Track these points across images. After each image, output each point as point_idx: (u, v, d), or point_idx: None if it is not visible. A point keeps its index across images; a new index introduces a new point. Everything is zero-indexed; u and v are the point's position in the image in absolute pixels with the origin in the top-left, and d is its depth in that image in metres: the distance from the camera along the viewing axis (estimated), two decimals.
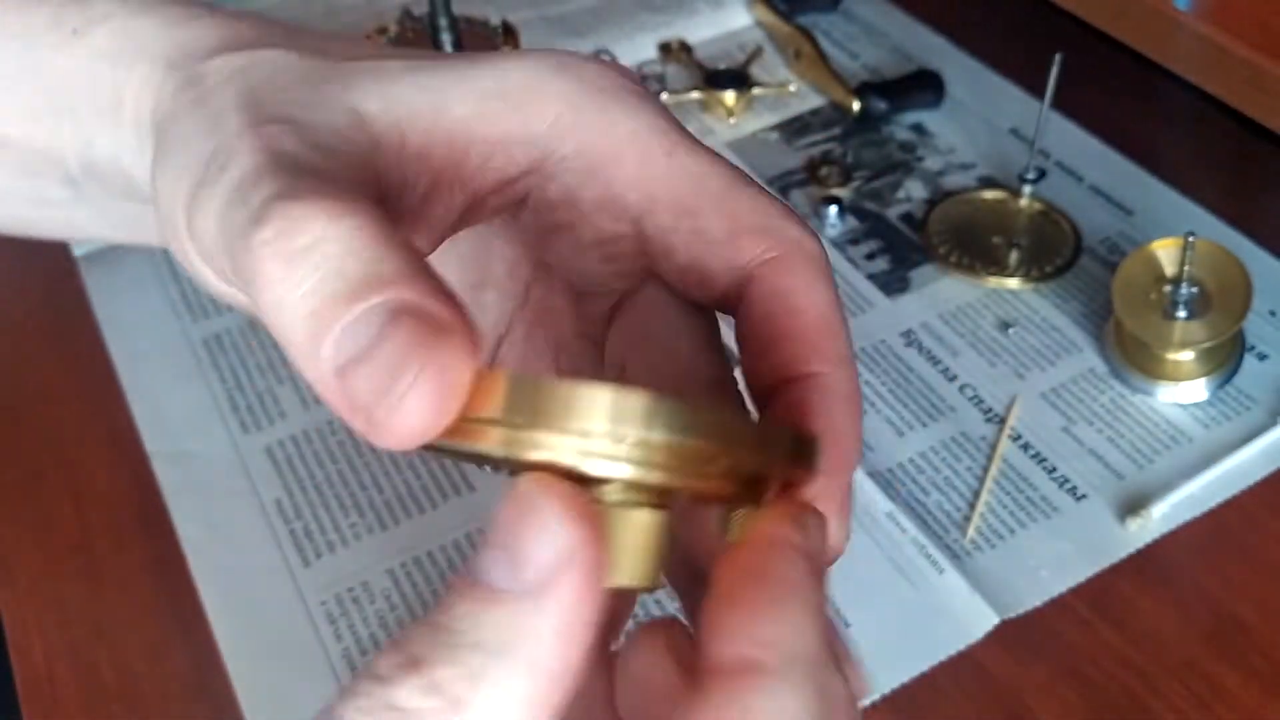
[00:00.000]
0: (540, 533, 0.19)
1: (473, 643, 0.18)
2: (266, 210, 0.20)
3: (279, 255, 0.20)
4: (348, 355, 0.19)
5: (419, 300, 0.19)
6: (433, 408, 0.19)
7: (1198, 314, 0.56)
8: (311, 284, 0.20)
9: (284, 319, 0.20)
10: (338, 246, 0.20)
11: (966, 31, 0.79)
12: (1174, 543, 0.51)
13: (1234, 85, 0.60)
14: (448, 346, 0.19)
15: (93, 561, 0.52)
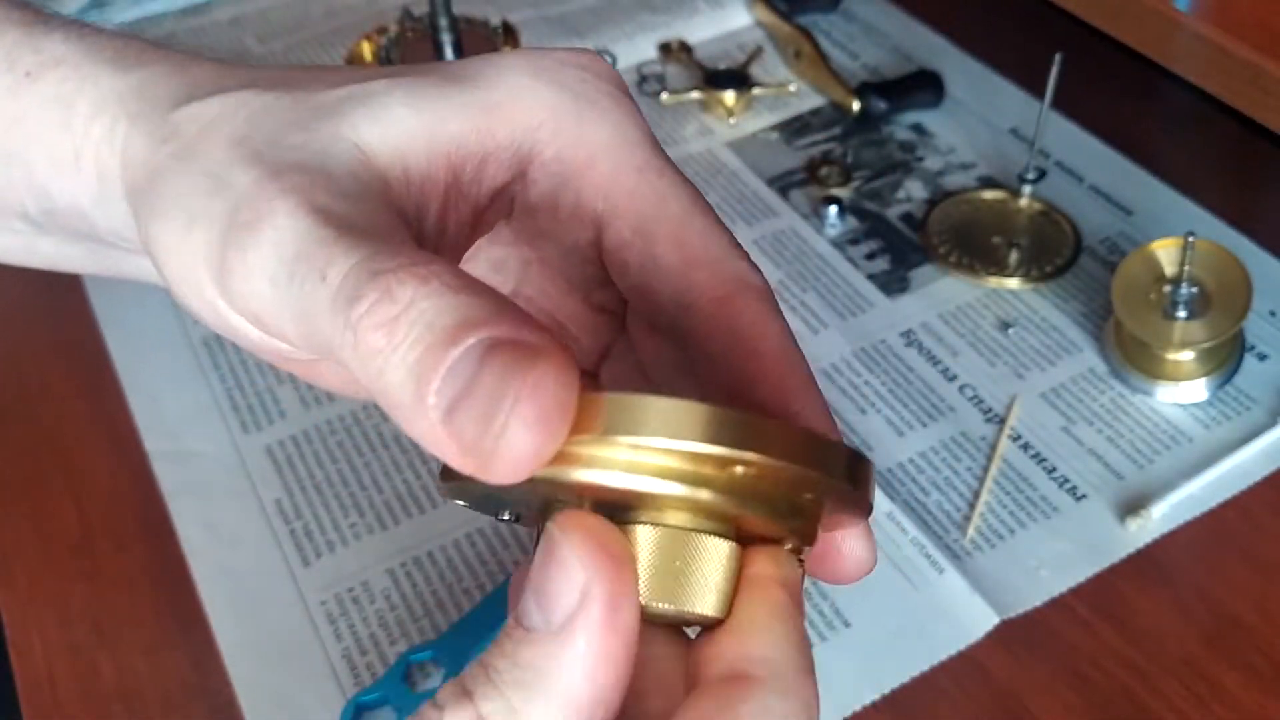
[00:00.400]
0: (560, 572, 0.20)
1: (511, 680, 0.20)
2: (357, 285, 0.21)
3: (379, 327, 0.20)
4: (450, 398, 0.20)
5: (510, 333, 0.20)
6: (537, 429, 0.20)
7: (1198, 314, 0.56)
8: (409, 343, 0.20)
9: (388, 383, 0.20)
10: (429, 303, 0.20)
11: (966, 31, 0.79)
12: (1174, 543, 0.51)
13: (1234, 85, 0.60)
14: (541, 368, 0.20)
15: (93, 561, 0.52)
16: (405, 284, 0.21)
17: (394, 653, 0.48)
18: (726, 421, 0.21)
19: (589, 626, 0.20)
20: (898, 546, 0.51)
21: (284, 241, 0.22)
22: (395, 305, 0.21)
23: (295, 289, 0.22)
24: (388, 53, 0.67)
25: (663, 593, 0.22)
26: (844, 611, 0.49)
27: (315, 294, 0.22)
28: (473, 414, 0.20)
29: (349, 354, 0.21)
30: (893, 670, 0.47)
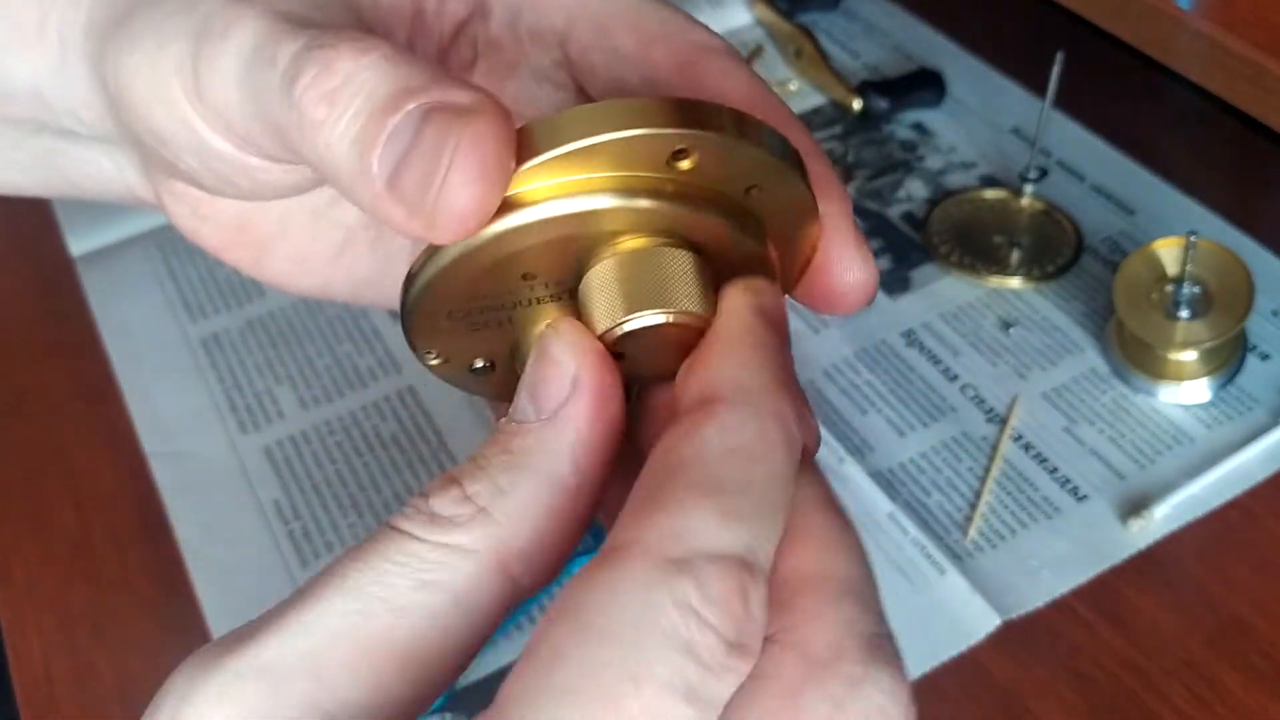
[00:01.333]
0: (552, 367, 0.22)
1: (500, 464, 0.21)
2: (299, 61, 0.22)
3: (320, 98, 0.21)
4: (392, 163, 0.20)
5: (446, 96, 0.21)
6: (478, 181, 0.20)
7: (1200, 314, 0.56)
8: (351, 113, 0.21)
9: (333, 155, 0.21)
10: (370, 74, 0.21)
11: (968, 30, 0.78)
12: (1176, 543, 0.51)
13: (1236, 84, 0.60)
14: (477, 124, 0.20)
15: (91, 561, 0.52)
16: (344, 56, 0.21)
17: None
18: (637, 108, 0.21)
19: (577, 413, 0.21)
20: (899, 547, 0.51)
21: (246, 42, 0.23)
22: (335, 77, 0.21)
23: (252, 81, 0.22)
24: None
25: (644, 301, 0.22)
26: None
27: (268, 80, 0.22)
28: (414, 174, 0.20)
29: (296, 135, 0.22)
30: None
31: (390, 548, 0.21)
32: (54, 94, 0.28)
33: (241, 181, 0.26)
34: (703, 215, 0.22)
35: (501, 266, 0.22)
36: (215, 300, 0.63)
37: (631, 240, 0.22)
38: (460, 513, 0.21)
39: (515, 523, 0.21)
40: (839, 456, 0.54)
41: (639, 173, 0.22)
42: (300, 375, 0.59)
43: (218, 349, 0.61)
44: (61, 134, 0.29)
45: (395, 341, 0.61)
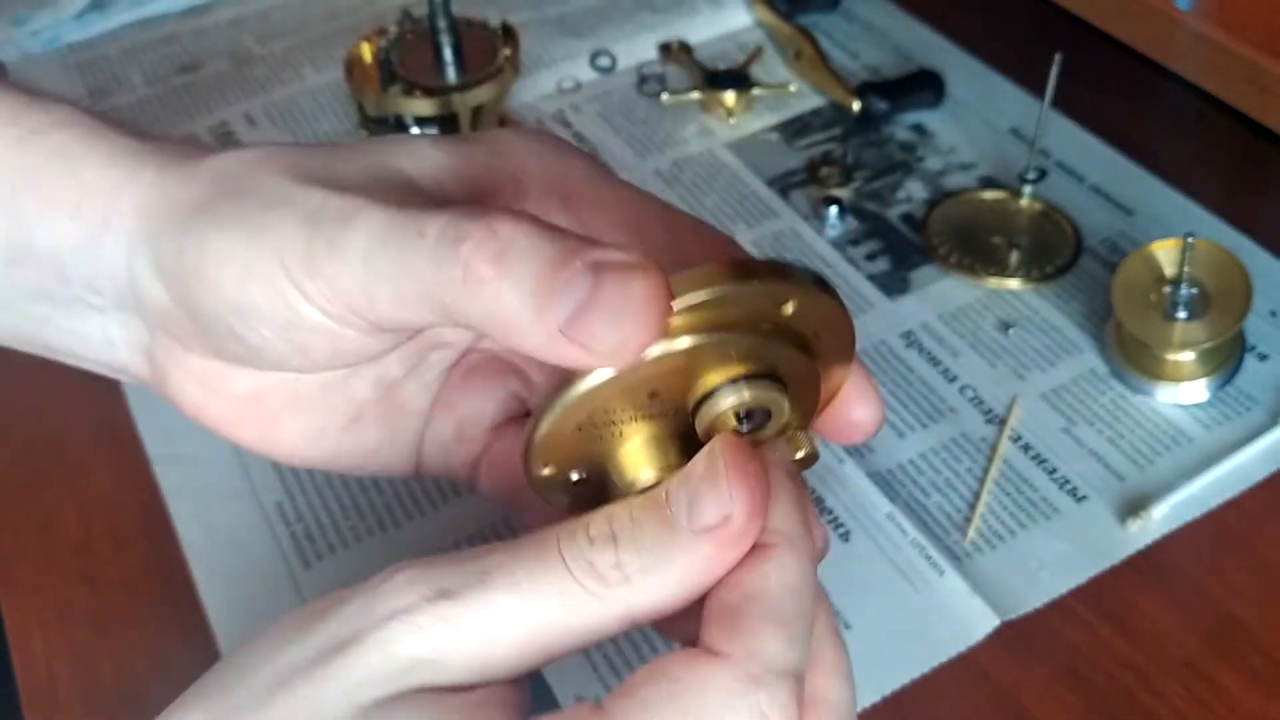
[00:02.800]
0: (714, 492, 0.26)
1: (649, 548, 0.25)
2: (458, 228, 0.25)
3: (488, 260, 0.25)
4: (571, 308, 0.24)
5: (605, 255, 0.25)
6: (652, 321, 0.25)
7: (1198, 314, 0.56)
8: (521, 270, 0.24)
9: (506, 307, 0.25)
10: (530, 238, 0.25)
11: (967, 31, 0.79)
12: (1175, 544, 0.51)
13: (1234, 85, 0.60)
14: (651, 275, 0.25)
15: (94, 564, 0.53)
16: (505, 222, 0.25)
17: None
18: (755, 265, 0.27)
19: (718, 544, 0.26)
20: (898, 548, 0.51)
21: (374, 224, 0.26)
22: (498, 240, 0.25)
23: (392, 253, 0.25)
24: (387, 54, 0.67)
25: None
26: (844, 613, 0.49)
27: (414, 249, 0.25)
28: (600, 319, 0.24)
29: (455, 291, 0.25)
30: (893, 672, 0.47)
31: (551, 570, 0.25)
32: (76, 265, 0.30)
33: (318, 352, 0.28)
34: (792, 351, 0.28)
35: (637, 387, 0.27)
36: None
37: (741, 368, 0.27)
38: (612, 576, 0.25)
39: (650, 596, 0.25)
40: (838, 457, 0.55)
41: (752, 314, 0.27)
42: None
43: None
44: (62, 303, 0.31)
45: None
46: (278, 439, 0.32)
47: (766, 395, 0.28)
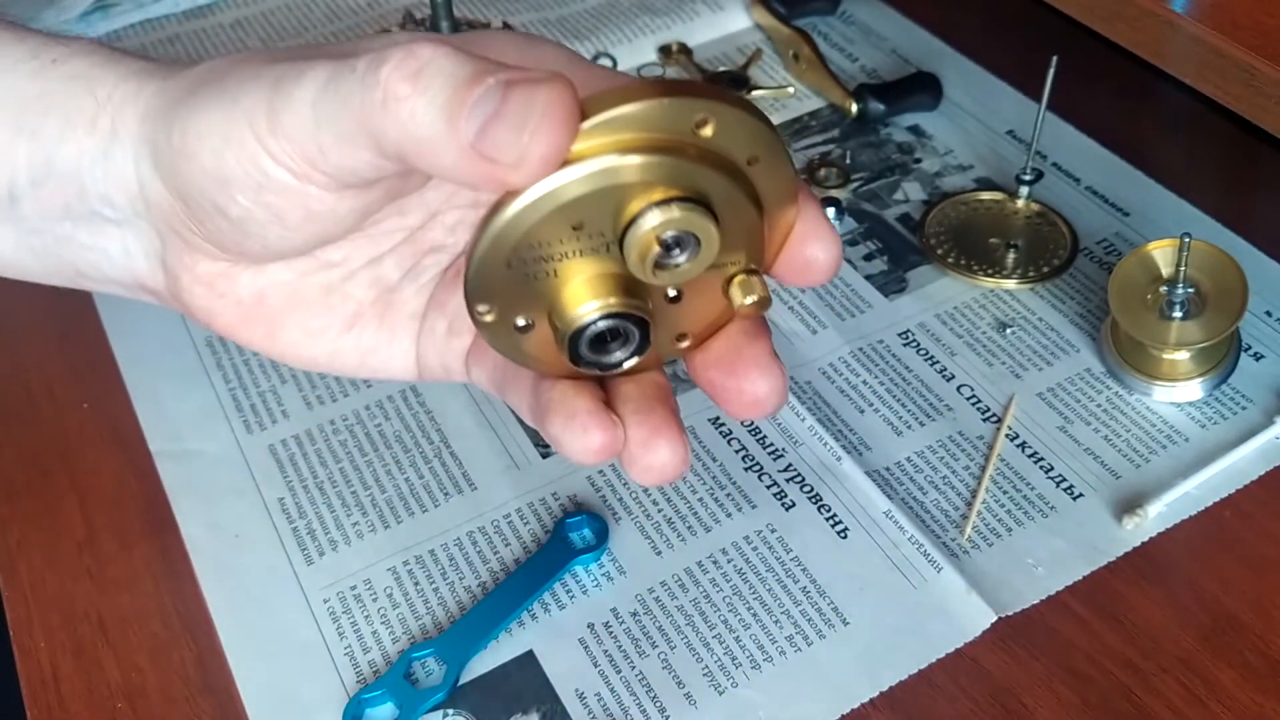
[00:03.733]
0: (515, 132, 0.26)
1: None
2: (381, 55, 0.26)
3: (404, 78, 0.25)
4: (479, 122, 0.25)
5: (519, 74, 0.25)
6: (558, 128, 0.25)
7: (1194, 314, 0.56)
8: (435, 88, 0.25)
9: (419, 121, 0.25)
10: (448, 60, 0.26)
11: (964, 34, 0.79)
12: (1170, 541, 0.51)
13: (1230, 87, 0.61)
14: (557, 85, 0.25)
15: (97, 560, 0.53)
16: (425, 46, 0.26)
17: (396, 650, 0.49)
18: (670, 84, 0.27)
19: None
20: (895, 545, 0.51)
21: (321, 73, 0.27)
22: (417, 60, 0.25)
23: (332, 94, 0.27)
24: None
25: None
26: (842, 609, 0.49)
27: (348, 84, 0.26)
28: (503, 130, 0.25)
29: (378, 115, 0.26)
30: (890, 668, 0.47)
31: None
32: (92, 178, 0.32)
33: (291, 216, 0.29)
34: (718, 175, 0.27)
35: (558, 215, 0.27)
36: None
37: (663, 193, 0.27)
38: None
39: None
40: (836, 455, 0.55)
41: (670, 135, 0.26)
42: (304, 375, 0.60)
43: (223, 349, 0.61)
44: (82, 219, 0.32)
45: None
46: (282, 339, 0.33)
47: (691, 218, 0.27)
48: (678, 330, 0.31)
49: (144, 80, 0.31)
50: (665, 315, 0.30)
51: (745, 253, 0.29)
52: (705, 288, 0.29)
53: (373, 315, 0.34)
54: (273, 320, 0.33)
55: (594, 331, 0.29)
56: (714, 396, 0.31)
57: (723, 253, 0.28)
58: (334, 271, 0.33)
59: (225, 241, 0.30)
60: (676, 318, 0.30)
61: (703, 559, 0.51)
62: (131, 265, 0.33)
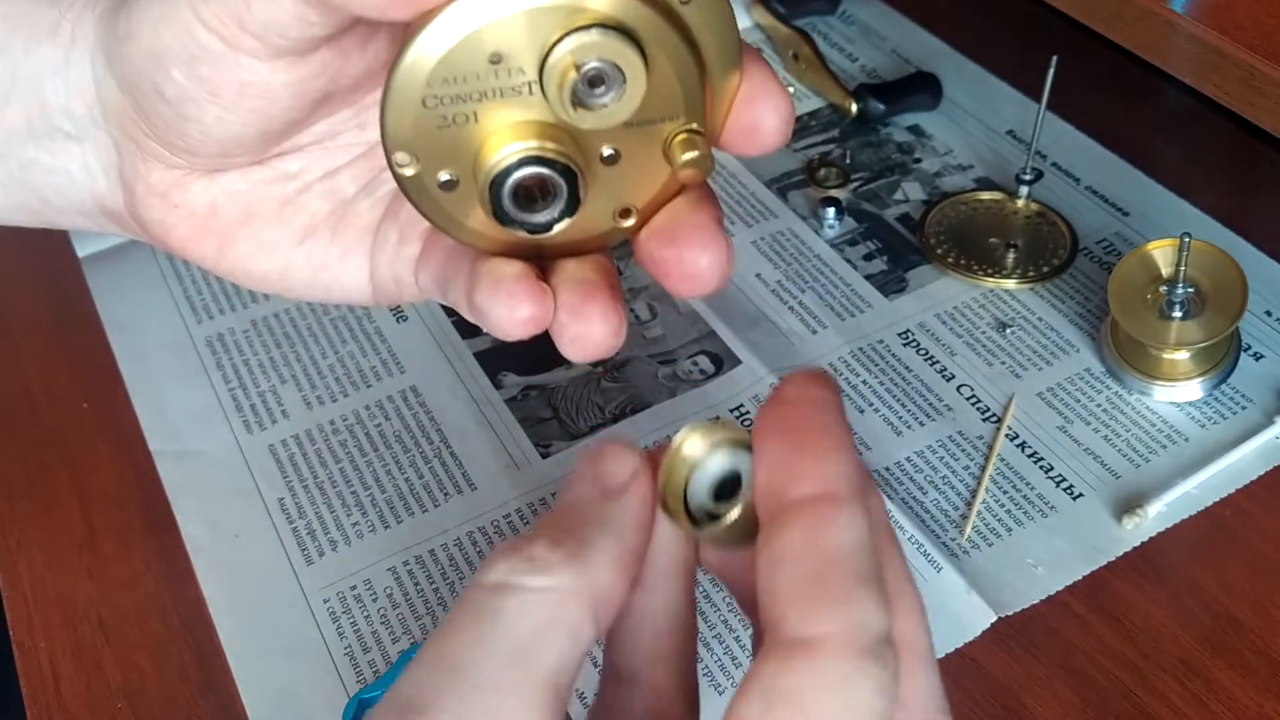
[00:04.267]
0: (615, 461, 0.26)
1: (578, 525, 0.25)
2: None
3: None
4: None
5: None
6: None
7: (1193, 314, 0.56)
8: None
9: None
10: None
11: (964, 34, 0.79)
12: (1170, 541, 0.51)
13: (1230, 87, 0.61)
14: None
15: (97, 559, 0.53)
16: None
17: (396, 650, 0.49)
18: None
19: (639, 491, 0.26)
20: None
21: None
22: None
23: None
24: None
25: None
26: None
27: None
28: None
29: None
30: None
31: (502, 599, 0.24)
32: (53, 89, 0.32)
33: (225, 91, 0.28)
34: (645, 7, 0.25)
35: (473, 42, 0.25)
36: (220, 300, 0.64)
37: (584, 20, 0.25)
38: (556, 556, 0.24)
39: (599, 570, 0.25)
40: None
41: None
42: (304, 375, 0.60)
43: (223, 349, 0.61)
44: (44, 136, 0.32)
45: (399, 342, 0.61)
46: (233, 252, 0.33)
47: (612, 45, 0.25)
48: (619, 202, 0.28)
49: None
50: (602, 180, 0.28)
51: (684, 111, 0.27)
52: (645, 153, 0.28)
53: (326, 228, 0.33)
54: (224, 233, 0.33)
55: (516, 181, 0.27)
56: (654, 272, 0.29)
57: (658, 106, 0.27)
58: (290, 184, 0.32)
59: (170, 134, 0.30)
60: (616, 185, 0.28)
61: None
62: (93, 185, 0.33)
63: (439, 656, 0.24)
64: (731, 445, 0.26)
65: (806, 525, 0.23)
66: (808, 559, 0.23)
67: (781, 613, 0.22)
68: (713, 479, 0.27)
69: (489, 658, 0.23)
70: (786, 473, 0.24)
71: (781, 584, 0.23)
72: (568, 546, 0.24)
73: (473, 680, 0.23)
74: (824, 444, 0.24)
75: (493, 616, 0.24)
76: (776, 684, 0.22)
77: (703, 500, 0.27)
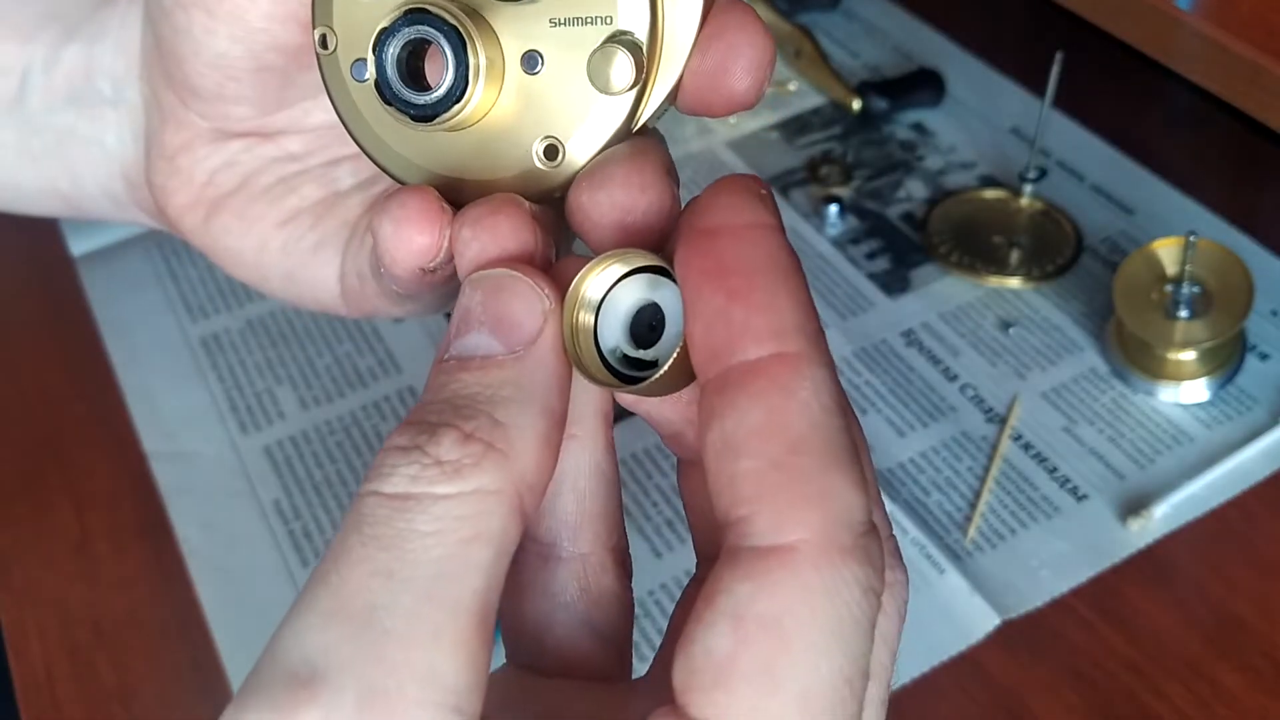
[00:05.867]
0: (520, 302, 0.22)
1: (487, 399, 0.21)
2: None
3: None
4: None
5: None
6: None
7: (1199, 313, 0.56)
8: None
9: None
10: None
11: (967, 30, 0.78)
12: (1175, 543, 0.51)
13: (1235, 84, 0.60)
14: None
15: (91, 562, 0.52)
16: None
17: None
18: None
19: (554, 342, 0.21)
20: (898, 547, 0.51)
21: None
22: None
23: None
24: None
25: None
26: None
27: None
28: None
29: None
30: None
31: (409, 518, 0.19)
32: (103, 49, 0.32)
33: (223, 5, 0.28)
34: None
35: None
36: (215, 300, 0.63)
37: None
38: (469, 453, 0.20)
39: (523, 455, 0.20)
40: None
41: None
42: (300, 375, 0.59)
43: (218, 349, 0.61)
44: (85, 104, 0.33)
45: (395, 342, 0.61)
46: (216, 223, 0.32)
47: None
48: (543, 127, 0.23)
49: None
50: (519, 90, 0.23)
51: (619, 12, 0.22)
52: (572, 65, 0.22)
53: (310, 215, 0.32)
54: (215, 202, 0.32)
55: (400, 45, 0.22)
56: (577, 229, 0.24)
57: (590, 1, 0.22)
58: (290, 165, 0.32)
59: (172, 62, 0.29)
60: (539, 105, 0.23)
61: None
62: (123, 155, 0.33)
63: (335, 601, 0.19)
64: (648, 276, 0.22)
65: (762, 398, 0.19)
66: (770, 443, 0.19)
67: (745, 514, 0.19)
68: (626, 317, 0.22)
69: (400, 596, 0.19)
70: (728, 329, 0.19)
71: (741, 478, 0.19)
72: (481, 435, 0.20)
73: (383, 628, 0.19)
74: (771, 288, 0.20)
75: (399, 541, 0.19)
76: (753, 608, 0.18)
77: (618, 343, 0.22)
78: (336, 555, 0.20)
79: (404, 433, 0.20)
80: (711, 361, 0.20)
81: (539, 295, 0.22)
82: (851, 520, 0.19)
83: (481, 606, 0.19)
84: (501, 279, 0.22)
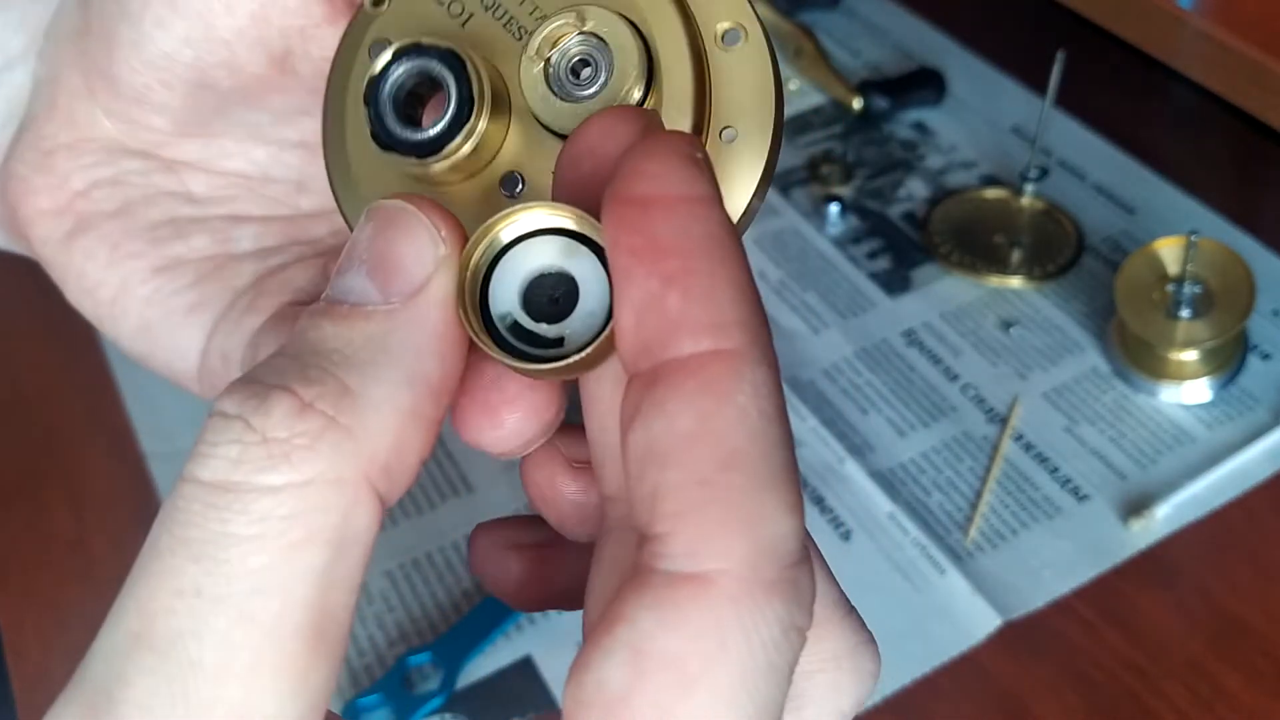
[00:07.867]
0: (408, 241, 0.18)
1: (342, 359, 0.17)
2: None
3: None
4: None
5: None
6: None
7: (1201, 313, 0.55)
8: None
9: None
10: None
11: (968, 29, 0.78)
12: (1177, 544, 0.51)
13: (1237, 83, 0.60)
14: None
15: (90, 562, 0.52)
16: None
17: (392, 655, 0.48)
18: None
19: (446, 296, 0.18)
20: (899, 547, 0.51)
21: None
22: None
23: None
24: None
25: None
26: None
27: None
28: None
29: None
30: (894, 672, 0.47)
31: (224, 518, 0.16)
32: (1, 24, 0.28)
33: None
34: None
35: None
36: None
37: None
38: (303, 430, 0.16)
39: (374, 433, 0.17)
40: (839, 456, 0.54)
41: None
42: None
43: None
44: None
45: None
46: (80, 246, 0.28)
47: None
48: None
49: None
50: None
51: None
52: None
53: (194, 271, 0.27)
54: (86, 219, 0.28)
55: (395, 84, 0.20)
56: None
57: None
58: (187, 207, 0.27)
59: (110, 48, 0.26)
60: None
61: None
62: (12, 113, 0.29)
63: (140, 619, 0.17)
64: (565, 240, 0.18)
65: (694, 402, 0.16)
66: (699, 455, 0.16)
67: (662, 533, 0.16)
68: (524, 282, 0.19)
69: (211, 619, 0.16)
70: (662, 320, 0.16)
71: (664, 491, 0.16)
72: (323, 406, 0.17)
73: (190, 659, 0.16)
74: (711, 273, 0.17)
75: (213, 549, 0.16)
76: (655, 642, 0.16)
77: (510, 310, 0.19)
78: (146, 560, 0.17)
79: (234, 394, 0.17)
80: (642, 355, 0.17)
81: (433, 237, 0.18)
82: (780, 550, 0.16)
83: (314, 620, 0.17)
84: (394, 211, 0.18)
